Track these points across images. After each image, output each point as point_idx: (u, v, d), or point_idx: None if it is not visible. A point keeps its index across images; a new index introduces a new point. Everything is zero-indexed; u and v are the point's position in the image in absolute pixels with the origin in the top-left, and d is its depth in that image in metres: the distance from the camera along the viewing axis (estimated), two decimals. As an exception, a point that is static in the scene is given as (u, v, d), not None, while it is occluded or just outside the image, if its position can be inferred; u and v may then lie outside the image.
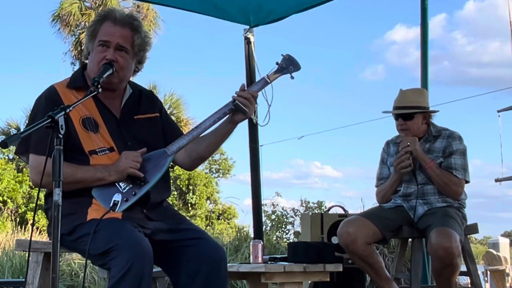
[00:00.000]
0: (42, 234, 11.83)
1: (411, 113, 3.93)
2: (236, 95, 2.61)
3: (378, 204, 4.14)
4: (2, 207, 18.64)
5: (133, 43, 2.66)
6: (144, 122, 2.73)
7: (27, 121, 2.76)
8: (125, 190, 2.54)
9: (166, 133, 2.77)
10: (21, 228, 13.62)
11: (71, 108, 2.20)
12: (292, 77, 2.73)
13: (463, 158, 3.87)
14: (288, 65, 2.72)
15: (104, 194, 2.54)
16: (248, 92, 2.61)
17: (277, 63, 2.72)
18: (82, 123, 2.59)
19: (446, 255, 3.49)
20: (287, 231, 11.02)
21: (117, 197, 2.52)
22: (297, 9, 5.48)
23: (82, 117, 2.60)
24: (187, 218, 2.84)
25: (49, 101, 2.59)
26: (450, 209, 3.81)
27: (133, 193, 2.54)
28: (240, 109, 2.60)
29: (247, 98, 2.60)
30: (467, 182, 3.90)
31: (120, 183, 2.55)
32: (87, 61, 2.74)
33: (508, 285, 8.74)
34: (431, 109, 4.02)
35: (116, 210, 2.50)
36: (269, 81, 2.71)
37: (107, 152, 2.60)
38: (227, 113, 2.63)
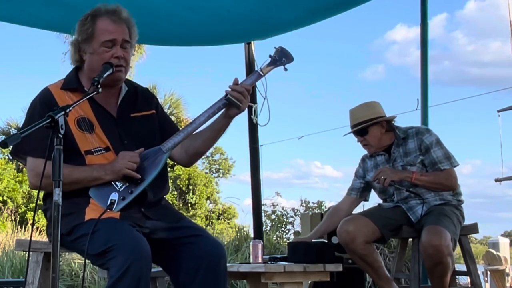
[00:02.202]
0: (42, 234, 11.82)
1: (362, 128, 3.96)
2: (229, 89, 2.60)
3: (377, 204, 4.15)
4: (2, 207, 18.62)
5: (131, 35, 2.67)
6: (141, 120, 2.73)
7: (23, 124, 2.73)
8: (122, 188, 2.54)
9: (163, 130, 2.76)
10: (21, 228, 13.61)
11: (71, 108, 2.20)
12: (285, 69, 2.72)
13: (441, 147, 3.86)
14: (281, 57, 2.71)
15: (101, 193, 2.54)
16: (241, 86, 2.60)
17: (270, 56, 2.71)
18: (77, 124, 2.59)
19: (435, 253, 3.49)
20: (287, 231, 11.01)
21: (114, 196, 2.52)
22: (294, 28, 5.65)
23: (77, 117, 2.59)
24: (186, 216, 2.83)
25: (43, 104, 2.59)
26: (447, 207, 3.81)
27: (129, 191, 2.54)
28: (233, 104, 2.59)
29: (241, 92, 2.59)
30: (456, 166, 3.88)
31: (117, 182, 2.55)
32: (77, 63, 2.71)
33: (508, 285, 8.74)
34: (382, 118, 3.98)
35: (113, 209, 2.49)
36: (262, 74, 2.69)
37: (103, 152, 2.59)
38: (221, 107, 2.62)
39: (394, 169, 3.88)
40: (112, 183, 2.55)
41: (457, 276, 4.61)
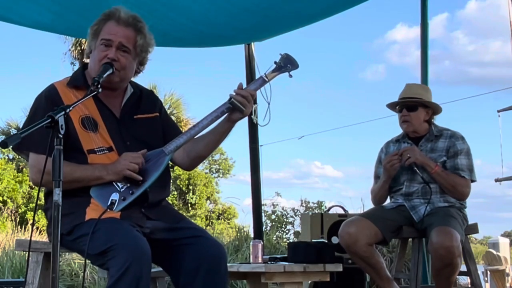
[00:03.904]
0: (42, 234, 11.82)
1: (415, 104, 3.97)
2: (234, 94, 2.60)
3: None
4: (2, 207, 18.64)
5: (136, 43, 2.66)
6: (144, 122, 2.73)
7: (26, 118, 2.74)
8: (123, 189, 2.54)
9: (166, 132, 2.76)
10: (21, 228, 13.61)
11: (71, 108, 2.20)
12: (290, 76, 2.73)
13: (468, 158, 3.88)
14: (286, 64, 2.72)
15: (102, 193, 2.54)
16: (246, 91, 2.61)
17: (275, 62, 2.71)
18: (81, 123, 2.59)
19: (447, 254, 3.49)
20: (287, 231, 11.02)
21: (115, 196, 2.52)
22: (293, 28, 5.67)
23: (82, 116, 2.60)
24: (187, 217, 2.83)
25: (48, 100, 2.59)
26: (452, 209, 3.81)
27: (130, 192, 2.54)
28: (237, 108, 2.59)
29: (245, 97, 2.59)
30: (473, 181, 3.90)
31: (118, 183, 2.55)
32: (87, 60, 2.74)
33: (508, 285, 8.74)
34: (434, 104, 4.04)
35: (113, 209, 2.50)
36: (267, 80, 2.70)
37: (106, 151, 2.60)
38: (225, 111, 2.62)
39: (422, 153, 3.88)
40: (114, 183, 2.55)
41: (457, 276, 4.61)
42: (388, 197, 4.11)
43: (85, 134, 2.59)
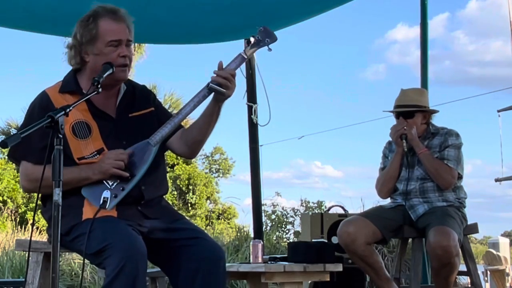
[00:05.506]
0: (42, 234, 11.81)
1: (411, 111, 3.97)
2: (214, 75, 2.56)
3: (378, 203, 4.16)
4: (2, 207, 18.62)
5: (131, 34, 2.68)
6: (139, 119, 2.72)
7: (20, 125, 2.73)
8: (113, 186, 2.55)
9: (161, 124, 2.72)
10: (21, 228, 13.60)
11: (71, 108, 2.21)
12: (269, 49, 2.70)
13: (457, 151, 3.90)
14: (264, 38, 2.69)
15: (94, 192, 2.54)
16: (226, 71, 2.57)
17: (252, 36, 2.69)
18: (72, 130, 2.59)
19: (444, 253, 3.50)
20: (287, 231, 11.01)
21: (106, 194, 2.53)
22: (294, 22, 5.63)
23: (72, 123, 2.59)
24: (186, 217, 2.83)
25: (41, 109, 2.58)
26: (450, 209, 3.82)
27: (121, 188, 2.54)
28: (217, 91, 2.56)
29: (226, 78, 2.56)
30: (460, 176, 3.91)
31: (108, 180, 2.55)
32: (78, 66, 2.69)
33: (508, 285, 8.73)
34: (431, 109, 4.06)
35: (106, 207, 2.50)
36: (246, 56, 2.69)
37: (97, 156, 2.59)
38: (206, 95, 2.59)
39: (416, 134, 3.91)
40: (104, 181, 2.55)
41: (457, 276, 4.61)
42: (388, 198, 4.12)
43: (75, 142, 2.58)
